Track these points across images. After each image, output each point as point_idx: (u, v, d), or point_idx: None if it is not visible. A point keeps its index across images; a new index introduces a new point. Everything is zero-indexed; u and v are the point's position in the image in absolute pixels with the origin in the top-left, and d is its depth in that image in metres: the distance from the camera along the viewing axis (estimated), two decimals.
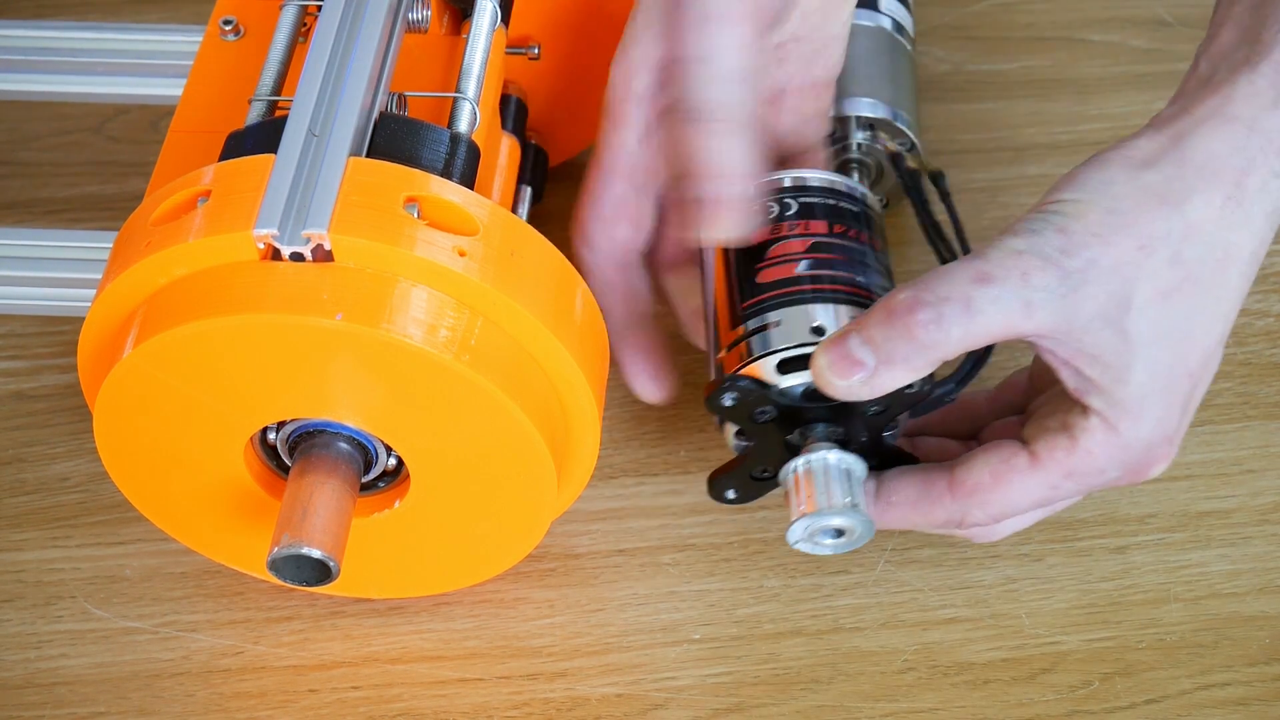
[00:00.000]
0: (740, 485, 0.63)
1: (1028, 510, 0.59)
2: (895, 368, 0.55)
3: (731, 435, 0.62)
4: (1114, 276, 0.53)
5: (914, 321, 0.54)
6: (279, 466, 0.60)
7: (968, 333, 0.54)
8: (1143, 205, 0.54)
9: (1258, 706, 0.62)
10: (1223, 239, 0.53)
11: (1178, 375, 0.54)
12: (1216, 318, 0.54)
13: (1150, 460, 0.56)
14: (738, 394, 0.59)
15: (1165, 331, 0.54)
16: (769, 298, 0.60)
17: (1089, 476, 0.57)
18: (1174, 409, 0.55)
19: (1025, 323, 0.54)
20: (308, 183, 0.54)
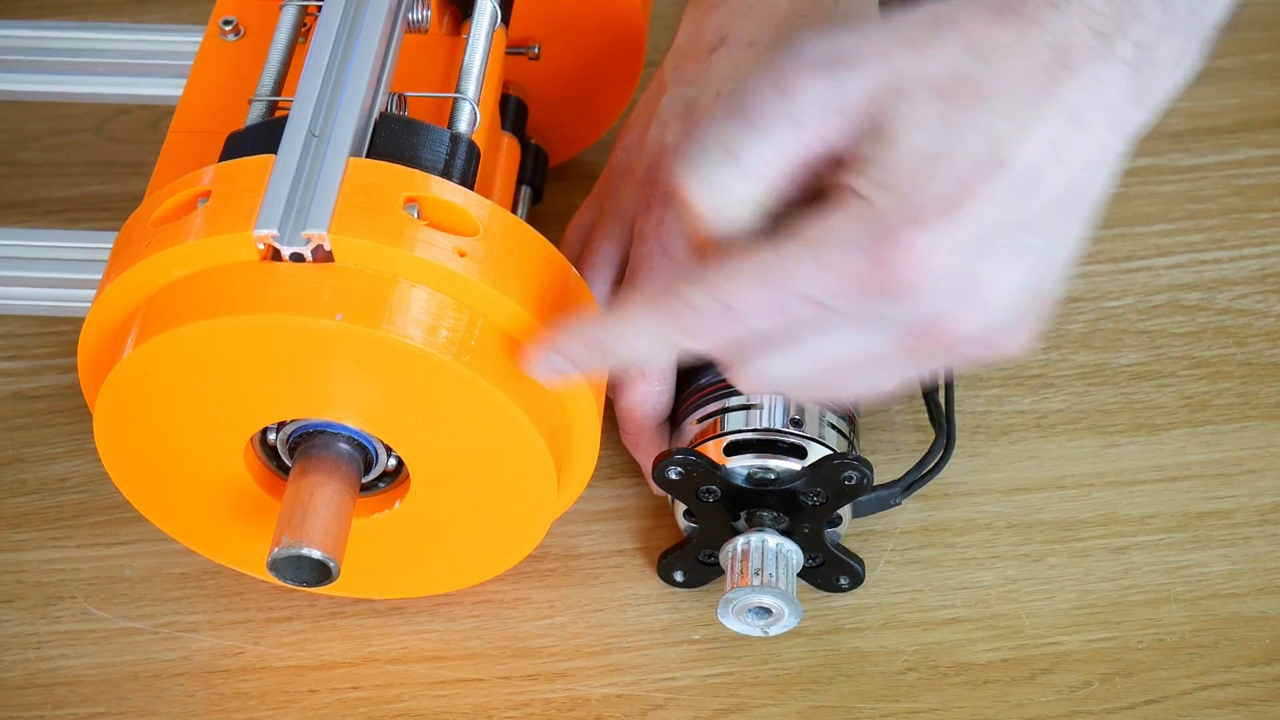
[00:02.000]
0: (688, 568, 0.64)
1: (747, 278, 0.51)
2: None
3: (680, 515, 0.63)
4: (884, 67, 0.50)
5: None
6: (279, 467, 0.60)
7: (733, 194, 0.51)
8: (914, 20, 0.51)
9: (1258, 706, 0.62)
10: (1003, 58, 0.50)
11: (942, 170, 0.49)
12: (993, 133, 0.50)
13: (891, 248, 0.49)
14: (683, 469, 0.60)
15: (936, 124, 0.50)
16: None
17: (823, 243, 0.50)
18: (931, 198, 0.49)
19: (796, 142, 0.51)
20: (308, 183, 0.54)
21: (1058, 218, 0.51)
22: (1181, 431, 0.69)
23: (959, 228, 0.50)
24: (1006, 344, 0.53)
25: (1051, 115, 0.50)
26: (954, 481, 0.67)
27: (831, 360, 0.52)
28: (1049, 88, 0.50)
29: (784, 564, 0.61)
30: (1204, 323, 0.72)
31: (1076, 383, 0.70)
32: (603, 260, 0.65)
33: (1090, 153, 0.51)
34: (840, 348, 0.52)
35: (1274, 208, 0.76)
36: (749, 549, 0.61)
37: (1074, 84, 0.50)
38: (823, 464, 0.60)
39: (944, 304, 0.50)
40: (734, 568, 0.61)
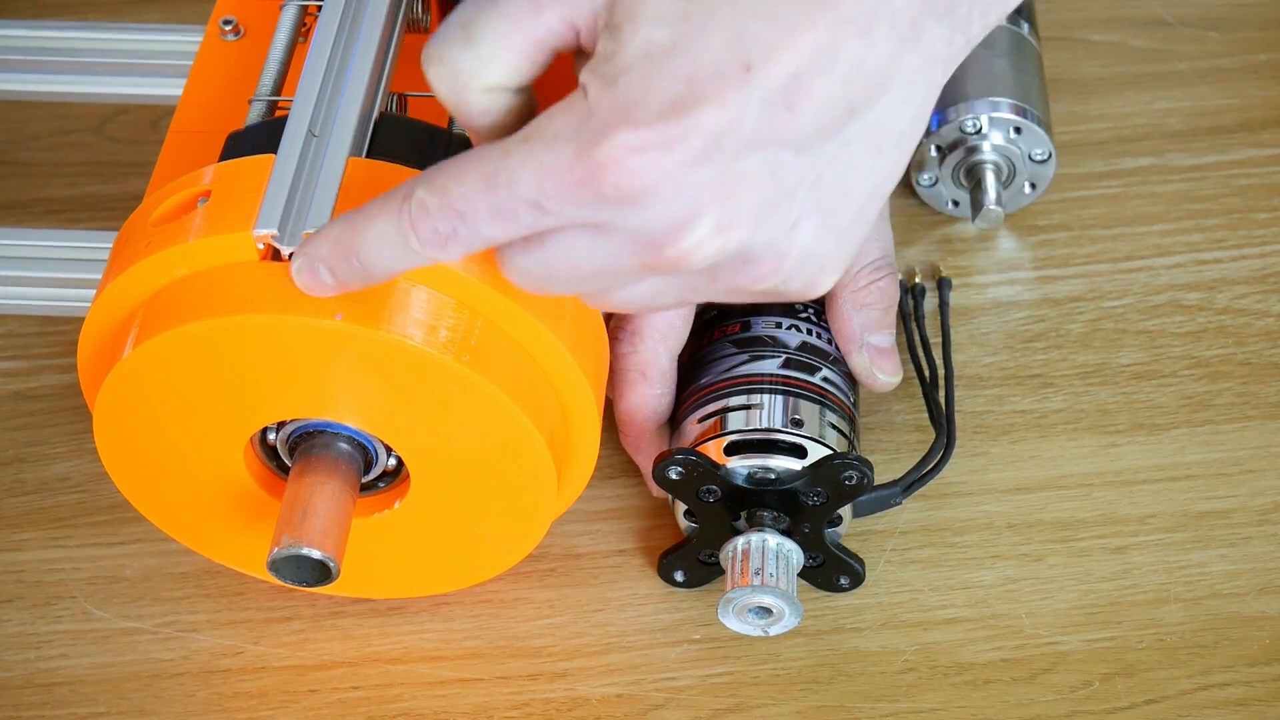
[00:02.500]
0: (688, 568, 0.64)
1: (473, 184, 0.48)
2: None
3: (681, 515, 0.63)
4: None
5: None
6: (279, 467, 0.60)
7: (470, 76, 0.49)
8: None
9: (1258, 706, 0.61)
10: None
11: (673, 67, 0.45)
12: (741, 36, 0.45)
13: (603, 138, 0.46)
14: (684, 468, 0.60)
15: (675, 15, 0.46)
16: (758, 380, 0.62)
17: (539, 140, 0.47)
18: (652, 96, 0.45)
19: (535, 23, 0.48)
20: (308, 183, 0.55)
21: (832, 136, 0.47)
22: (1181, 431, 0.69)
23: (683, 133, 0.45)
24: (780, 275, 0.49)
25: (821, 19, 0.46)
26: (954, 481, 0.67)
27: (583, 270, 0.49)
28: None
29: (784, 564, 0.61)
30: (1204, 323, 0.72)
31: (1076, 383, 0.70)
32: None
33: (875, 67, 0.46)
34: (585, 258, 0.49)
35: (1274, 208, 0.76)
36: (749, 549, 0.61)
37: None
38: (823, 464, 0.60)
39: (671, 216, 0.47)
40: (734, 568, 0.61)
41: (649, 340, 0.63)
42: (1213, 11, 0.83)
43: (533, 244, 0.49)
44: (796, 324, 0.64)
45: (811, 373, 0.63)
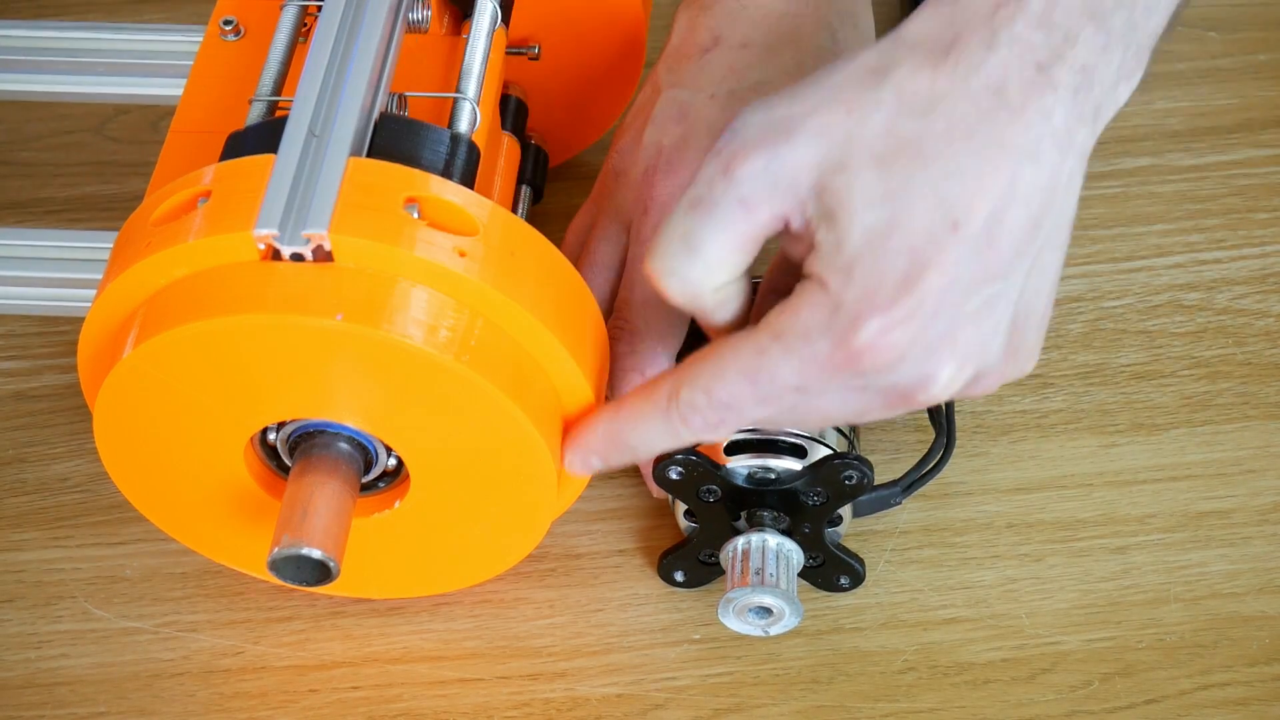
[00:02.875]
0: (688, 568, 0.64)
1: (737, 382, 0.53)
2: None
3: (681, 515, 0.63)
4: (823, 138, 0.51)
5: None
6: (279, 466, 0.60)
7: (701, 283, 0.53)
8: (851, 77, 0.52)
9: (1258, 706, 0.62)
10: (943, 112, 0.51)
11: (895, 245, 0.50)
12: (941, 198, 0.50)
13: (858, 329, 0.51)
14: (684, 469, 0.60)
15: (881, 196, 0.50)
16: None
17: (794, 338, 0.52)
18: (887, 278, 0.50)
19: (749, 223, 0.52)
20: (308, 183, 0.54)
21: (1027, 255, 0.52)
22: (1181, 431, 0.69)
23: (919, 303, 0.51)
24: (1008, 373, 0.54)
25: (1000, 160, 0.50)
26: (954, 481, 0.67)
27: (829, 416, 0.55)
28: (993, 133, 0.50)
29: (784, 564, 0.61)
30: (1204, 323, 0.72)
31: (1076, 383, 0.70)
32: (601, 262, 0.65)
33: (1047, 183, 0.51)
34: (833, 407, 0.54)
35: (1274, 208, 0.76)
36: (749, 549, 0.61)
37: (1019, 122, 0.51)
38: (823, 464, 0.60)
39: (924, 370, 0.52)
40: (734, 567, 0.61)
41: (648, 341, 0.63)
42: (1213, 11, 0.83)
43: (788, 409, 0.55)
44: None
45: None
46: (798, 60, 0.63)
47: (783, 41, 0.63)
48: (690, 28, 0.66)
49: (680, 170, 0.63)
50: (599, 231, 0.65)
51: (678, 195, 0.61)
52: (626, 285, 0.64)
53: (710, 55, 0.64)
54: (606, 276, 0.65)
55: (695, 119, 0.63)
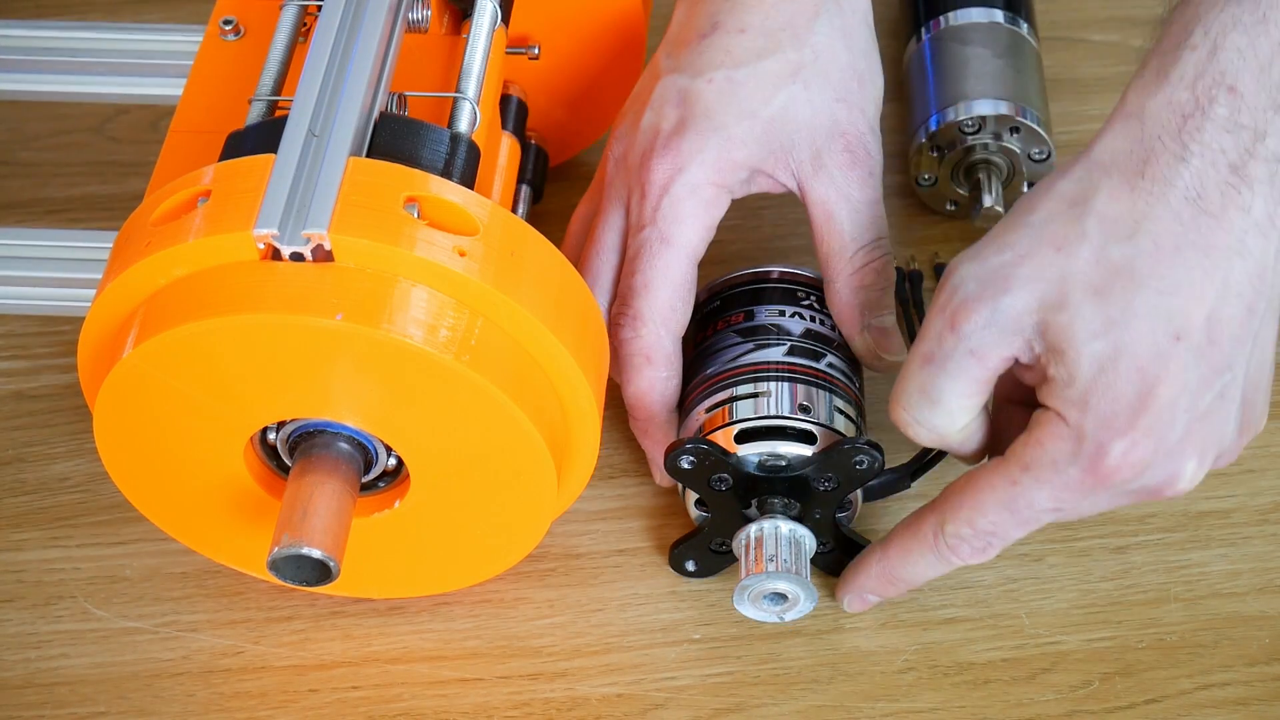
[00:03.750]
0: (700, 557, 0.65)
1: (997, 513, 0.58)
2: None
3: (692, 504, 0.63)
4: (1038, 281, 0.54)
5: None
6: (279, 466, 0.60)
7: (946, 429, 0.58)
8: (1054, 214, 0.55)
9: (1258, 706, 0.62)
10: (1147, 232, 0.53)
11: (1124, 369, 0.53)
12: (1160, 314, 0.53)
13: (1104, 455, 0.54)
14: (695, 457, 0.60)
15: (1103, 326, 0.53)
16: (765, 368, 0.63)
17: (1044, 469, 0.56)
18: (1122, 402, 0.54)
19: (981, 370, 0.56)
20: (308, 183, 0.54)
21: (1246, 341, 0.55)
22: None
23: (1155, 418, 0.54)
24: (1240, 447, 0.58)
25: (1210, 266, 0.53)
26: None
27: (1080, 517, 0.59)
28: (1199, 241, 0.53)
29: (797, 549, 0.61)
30: None
31: None
32: (605, 249, 0.65)
33: (1255, 270, 0.54)
34: (1086, 513, 0.58)
35: None
36: (762, 535, 0.61)
37: (1222, 226, 0.53)
38: (834, 449, 0.60)
39: (1169, 471, 0.55)
40: (748, 555, 0.61)
41: (651, 325, 0.63)
42: None
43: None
44: (800, 311, 0.64)
45: (817, 359, 0.63)
46: (795, 45, 0.63)
47: (780, 26, 0.64)
48: (689, 14, 0.66)
49: (677, 154, 0.63)
50: (601, 218, 0.66)
51: (675, 178, 0.62)
52: (627, 270, 0.64)
53: (708, 40, 0.64)
54: (610, 262, 0.65)
55: (693, 103, 0.63)
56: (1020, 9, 0.76)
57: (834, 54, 0.64)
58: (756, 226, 0.76)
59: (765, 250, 0.75)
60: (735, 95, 0.63)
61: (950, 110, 0.72)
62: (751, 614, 0.62)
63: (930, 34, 0.76)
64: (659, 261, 0.63)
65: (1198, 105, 0.54)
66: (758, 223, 0.76)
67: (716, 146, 0.63)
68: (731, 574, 0.65)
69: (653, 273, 0.63)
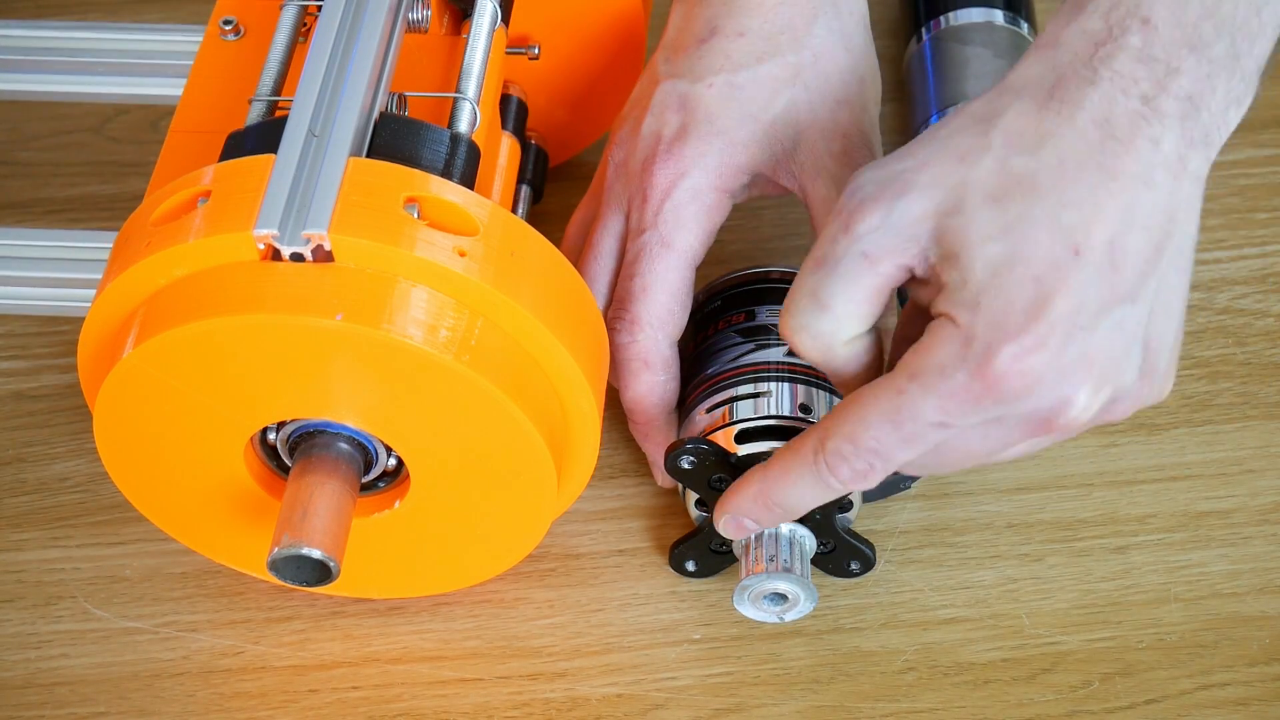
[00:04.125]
0: (700, 557, 0.65)
1: (880, 426, 0.54)
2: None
3: (692, 504, 0.63)
4: (937, 187, 0.53)
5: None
6: (279, 466, 0.60)
7: (832, 337, 0.55)
8: (960, 128, 0.54)
9: (1258, 706, 0.62)
10: (1052, 148, 0.53)
11: (1019, 275, 0.52)
12: (1060, 226, 0.52)
13: (992, 357, 0.52)
14: (695, 457, 0.60)
15: (1000, 230, 0.52)
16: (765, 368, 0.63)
17: (931, 375, 0.53)
18: (1015, 306, 0.52)
19: (873, 275, 0.54)
20: (308, 183, 0.54)
21: (1152, 277, 0.53)
22: (1181, 431, 0.69)
23: (1051, 327, 0.52)
24: (1146, 397, 0.55)
25: (1114, 188, 0.52)
26: (954, 481, 0.67)
27: (971, 455, 0.56)
28: (1105, 163, 0.52)
29: (798, 549, 0.61)
30: (1204, 323, 0.72)
31: None
32: (603, 252, 0.65)
33: (1165, 207, 0.53)
34: (978, 445, 0.55)
35: (1274, 208, 0.76)
36: (763, 535, 0.61)
37: (1129, 153, 0.53)
38: None
39: (1060, 394, 0.53)
40: (748, 555, 0.61)
41: (648, 329, 0.63)
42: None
43: (926, 456, 0.55)
44: None
45: None
46: (794, 48, 0.64)
47: (779, 30, 0.64)
48: (687, 19, 0.66)
49: (680, 159, 0.63)
50: (600, 222, 0.66)
51: (677, 183, 0.62)
52: (625, 275, 0.64)
53: (707, 45, 0.64)
54: (608, 266, 0.65)
55: (694, 108, 0.63)
56: (1020, 9, 0.76)
57: (833, 56, 0.64)
58: (756, 226, 0.76)
59: (765, 250, 0.75)
60: (736, 99, 0.63)
61: (950, 110, 0.72)
62: (751, 614, 0.62)
63: (930, 34, 0.76)
64: (659, 265, 0.63)
65: (1110, 34, 0.53)
66: (757, 223, 0.76)
67: (719, 151, 0.63)
68: (731, 574, 0.65)
69: (652, 276, 0.63)
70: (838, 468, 0.56)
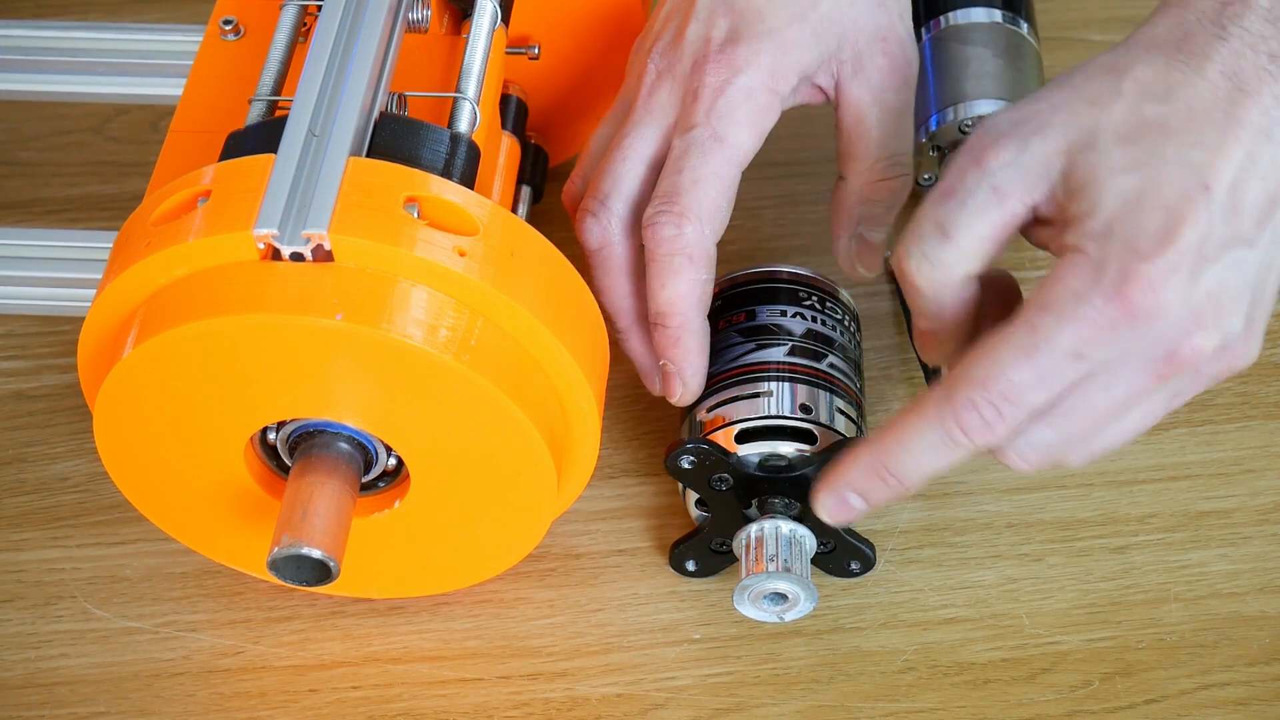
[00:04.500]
0: (700, 557, 0.65)
1: (1014, 364, 0.53)
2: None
3: (692, 504, 0.63)
4: (1070, 127, 0.54)
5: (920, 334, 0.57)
6: (279, 466, 0.60)
7: (952, 269, 0.55)
8: (1090, 75, 0.56)
9: (1258, 706, 0.62)
10: (1181, 96, 0.54)
11: (1150, 204, 0.53)
12: (1189, 163, 0.53)
13: (1127, 279, 0.52)
14: (696, 457, 0.60)
15: (1132, 164, 0.54)
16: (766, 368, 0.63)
17: (1065, 303, 0.53)
18: (1146, 232, 0.53)
19: (1000, 210, 0.55)
20: (308, 183, 0.54)
21: (1267, 226, 0.54)
22: (1181, 431, 0.69)
23: (1181, 252, 0.53)
24: (1242, 354, 0.55)
25: (1240, 136, 0.54)
26: (954, 481, 0.67)
27: (1098, 412, 0.55)
28: (1231, 113, 0.54)
29: (798, 549, 0.61)
30: None
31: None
32: (634, 157, 0.63)
33: (1278, 162, 0.54)
34: (1104, 396, 0.54)
35: None
36: (763, 535, 0.61)
37: (1254, 105, 0.54)
38: (835, 448, 0.60)
39: (1185, 324, 0.53)
40: (748, 555, 0.61)
41: (696, 223, 0.61)
42: None
43: (1055, 412, 0.55)
44: (801, 311, 0.65)
45: (818, 359, 0.63)
46: None
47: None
48: None
49: (733, 58, 0.62)
50: (634, 128, 0.63)
51: (731, 82, 0.61)
52: (672, 169, 0.61)
53: None
54: (637, 172, 0.63)
55: (742, 9, 0.62)
56: (1020, 9, 0.76)
57: None
58: (756, 227, 0.76)
59: (765, 250, 0.75)
60: (783, 1, 0.63)
61: (950, 110, 0.72)
62: (751, 614, 0.62)
63: (930, 34, 0.76)
64: (712, 159, 0.61)
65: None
66: (757, 223, 0.76)
67: (771, 51, 0.62)
68: (732, 574, 0.65)
69: (705, 169, 0.61)
70: (966, 417, 0.54)
